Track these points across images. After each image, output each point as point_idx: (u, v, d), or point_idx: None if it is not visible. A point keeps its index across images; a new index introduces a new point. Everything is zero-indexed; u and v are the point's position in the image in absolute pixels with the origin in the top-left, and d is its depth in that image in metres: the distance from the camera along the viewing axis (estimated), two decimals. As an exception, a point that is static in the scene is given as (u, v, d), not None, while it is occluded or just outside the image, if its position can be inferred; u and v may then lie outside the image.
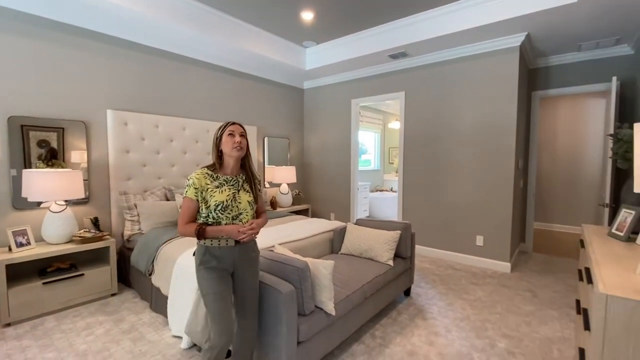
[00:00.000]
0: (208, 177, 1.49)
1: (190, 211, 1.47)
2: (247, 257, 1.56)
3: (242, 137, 1.53)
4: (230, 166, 1.55)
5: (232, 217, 1.49)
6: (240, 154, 1.53)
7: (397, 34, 3.62)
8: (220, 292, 1.46)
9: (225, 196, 1.48)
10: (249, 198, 1.55)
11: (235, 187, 1.53)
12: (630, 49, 3.44)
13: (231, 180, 1.54)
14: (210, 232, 1.45)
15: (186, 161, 3.64)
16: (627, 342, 1.08)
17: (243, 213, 1.52)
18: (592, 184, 5.15)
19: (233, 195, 1.50)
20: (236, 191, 1.52)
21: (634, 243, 1.76)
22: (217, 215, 1.46)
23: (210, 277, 1.46)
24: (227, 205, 1.47)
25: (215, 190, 1.47)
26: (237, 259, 1.53)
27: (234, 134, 1.51)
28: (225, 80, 4.11)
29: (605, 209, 3.23)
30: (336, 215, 5.01)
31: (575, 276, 3.39)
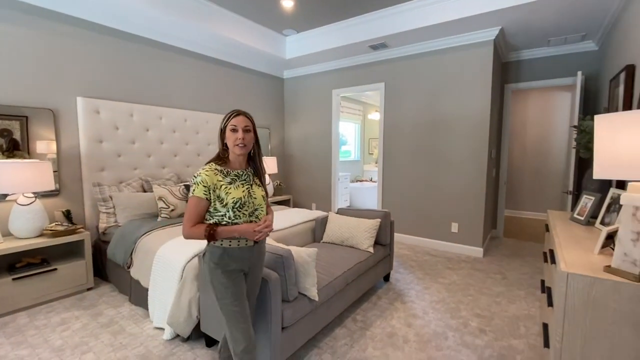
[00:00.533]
0: (219, 173, 1.36)
1: (198, 211, 1.33)
2: (261, 254, 1.50)
3: (247, 131, 1.39)
4: (239, 161, 1.44)
5: (249, 214, 1.39)
6: (243, 152, 1.40)
7: (377, 25, 3.64)
8: (240, 297, 1.37)
9: (241, 192, 1.37)
10: (263, 192, 1.47)
11: (248, 182, 1.43)
12: (595, 45, 3.65)
13: (242, 174, 1.43)
14: (221, 233, 1.32)
15: (163, 151, 3.54)
16: (585, 314, 1.19)
17: (259, 209, 1.43)
18: (558, 172, 5.47)
19: (248, 191, 1.40)
20: (250, 186, 1.43)
21: (593, 226, 1.92)
22: (234, 214, 1.34)
23: (229, 281, 1.36)
24: (244, 202, 1.37)
25: (229, 187, 1.35)
26: (254, 258, 1.45)
27: (237, 129, 1.37)
28: (203, 68, 3.99)
29: (568, 196, 3.46)
30: (317, 205, 5.06)
31: (540, 259, 3.63)
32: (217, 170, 1.36)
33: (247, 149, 1.41)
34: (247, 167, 1.48)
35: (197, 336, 2.02)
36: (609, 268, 1.21)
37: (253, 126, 1.43)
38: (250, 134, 1.41)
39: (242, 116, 1.39)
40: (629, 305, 1.12)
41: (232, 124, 1.37)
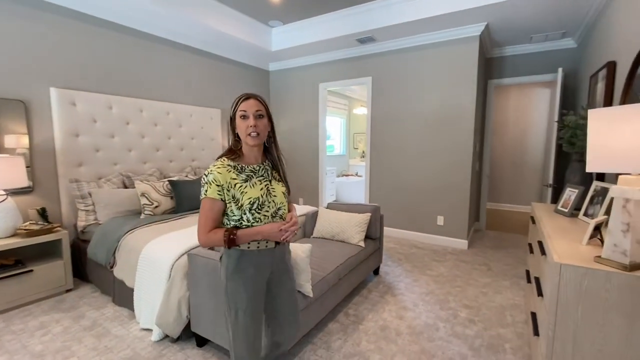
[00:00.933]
0: (233, 170, 1.19)
1: (214, 214, 1.16)
2: (284, 258, 1.33)
3: (260, 117, 1.20)
4: (254, 153, 1.26)
5: (270, 215, 1.22)
6: (257, 142, 1.21)
7: (365, 18, 3.61)
8: (255, 309, 1.22)
9: (258, 191, 1.20)
10: (283, 188, 1.29)
11: (266, 178, 1.26)
12: (574, 42, 3.77)
13: (259, 170, 1.25)
14: (243, 237, 1.16)
15: (145, 146, 3.40)
16: (577, 304, 1.23)
17: (281, 208, 1.26)
18: (536, 166, 5.67)
19: (267, 188, 1.23)
20: (268, 182, 1.25)
21: (577, 218, 1.99)
22: (252, 216, 1.17)
23: (246, 290, 1.20)
24: (262, 201, 1.19)
25: (244, 185, 1.18)
26: (277, 263, 1.30)
27: (248, 116, 1.18)
28: (185, 59, 3.84)
29: (549, 189, 3.59)
30: (305, 200, 5.02)
31: (522, 250, 3.76)
32: (230, 167, 1.19)
33: (261, 138, 1.21)
34: (264, 160, 1.30)
35: (188, 336, 1.96)
36: (600, 258, 1.24)
37: (266, 111, 1.23)
38: (263, 121, 1.21)
39: (252, 99, 1.19)
40: (619, 295, 1.16)
41: (241, 110, 1.18)
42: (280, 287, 1.35)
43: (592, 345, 1.22)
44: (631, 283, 1.14)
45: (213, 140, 4.19)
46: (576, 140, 2.23)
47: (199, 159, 4.00)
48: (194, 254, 1.84)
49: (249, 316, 1.22)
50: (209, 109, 4.10)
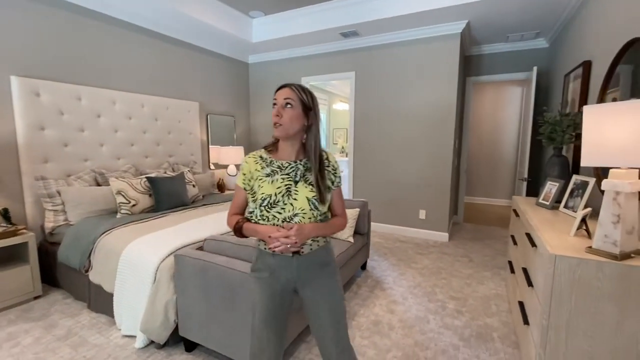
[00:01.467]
0: (260, 162, 1.16)
1: (238, 201, 1.20)
2: (316, 269, 1.16)
3: (288, 106, 1.10)
4: (287, 148, 1.16)
5: (282, 219, 1.10)
6: (280, 134, 1.12)
7: (349, 12, 3.57)
8: (267, 314, 1.14)
9: (274, 188, 1.11)
10: (310, 194, 1.11)
11: (292, 177, 1.13)
12: (546, 42, 3.94)
13: (288, 167, 1.15)
14: (247, 230, 1.13)
15: (118, 140, 3.18)
16: (570, 293, 1.28)
17: (300, 214, 1.10)
18: (510, 161, 5.93)
19: (287, 189, 1.11)
20: (292, 183, 1.12)
21: (558, 210, 2.08)
22: (261, 213, 1.11)
23: (259, 291, 1.15)
24: (276, 200, 1.10)
25: (264, 180, 1.12)
26: (303, 273, 1.15)
27: (277, 103, 1.12)
28: (162, 48, 3.63)
29: (523, 182, 3.76)
30: (287, 196, 4.95)
31: (499, 241, 3.92)
32: (259, 158, 1.17)
33: (284, 130, 1.10)
34: (300, 158, 1.18)
35: (175, 341, 1.86)
36: (591, 249, 1.30)
37: (301, 101, 1.11)
38: (291, 111, 1.10)
39: (286, 88, 1.12)
40: (610, 283, 1.22)
41: (274, 99, 1.13)
42: (316, 299, 1.17)
43: (585, 333, 1.27)
44: (621, 272, 1.20)
45: (191, 135, 4.01)
46: (555, 136, 2.33)
47: (177, 154, 3.82)
48: (181, 254, 1.75)
49: (261, 320, 1.15)
50: (186, 102, 3.91)
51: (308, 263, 1.15)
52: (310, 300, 1.18)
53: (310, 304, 1.18)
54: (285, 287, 1.16)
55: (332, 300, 1.17)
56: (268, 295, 1.15)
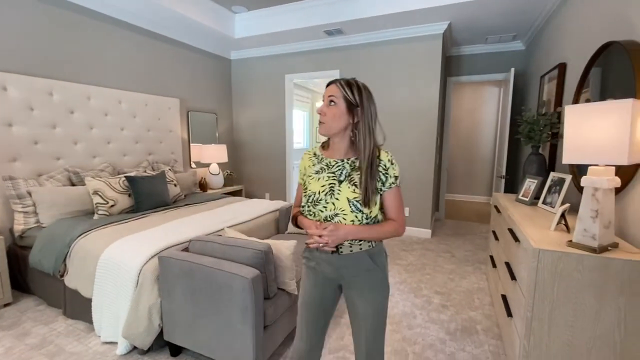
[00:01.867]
0: (312, 159, 1.18)
1: (298, 195, 1.27)
2: (361, 273, 1.12)
3: (332, 104, 1.07)
4: (337, 146, 1.14)
5: (324, 217, 1.08)
6: (323, 132, 1.10)
7: (333, 9, 3.57)
8: (307, 302, 1.19)
9: (319, 186, 1.11)
10: (353, 195, 1.06)
11: (336, 176, 1.10)
12: (522, 45, 4.10)
13: (335, 165, 1.13)
14: (299, 222, 1.18)
15: (94, 138, 3.03)
16: (553, 285, 1.33)
17: (340, 215, 1.06)
18: (487, 159, 6.14)
19: (330, 187, 1.09)
20: (337, 182, 1.09)
21: (537, 206, 2.16)
22: (309, 209, 1.12)
23: (304, 277, 1.22)
24: (318, 199, 1.09)
25: (313, 177, 1.14)
26: (345, 273, 1.13)
27: (324, 100, 1.10)
28: (141, 43, 3.49)
29: (502, 180, 3.89)
30: (271, 195, 4.90)
31: (479, 237, 4.05)
32: (313, 155, 1.20)
33: (327, 128, 1.09)
34: (349, 156, 1.13)
35: (160, 346, 1.80)
36: (571, 243, 1.36)
37: (346, 98, 1.07)
38: (333, 109, 1.07)
39: (331, 85, 1.09)
40: (589, 275, 1.28)
41: (323, 96, 1.12)
42: (354, 306, 1.15)
43: (566, 323, 1.33)
44: (600, 264, 1.26)
45: (172, 132, 3.89)
46: (534, 135, 2.42)
47: (157, 152, 3.69)
48: (165, 256, 1.69)
49: (301, 304, 1.23)
50: (166, 98, 3.78)
51: (350, 264, 1.12)
52: (351, 302, 1.17)
53: (350, 305, 1.18)
54: (327, 281, 1.18)
55: (367, 312, 1.13)
56: (311, 283, 1.20)
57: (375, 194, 1.08)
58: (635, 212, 1.44)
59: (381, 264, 1.15)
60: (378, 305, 1.14)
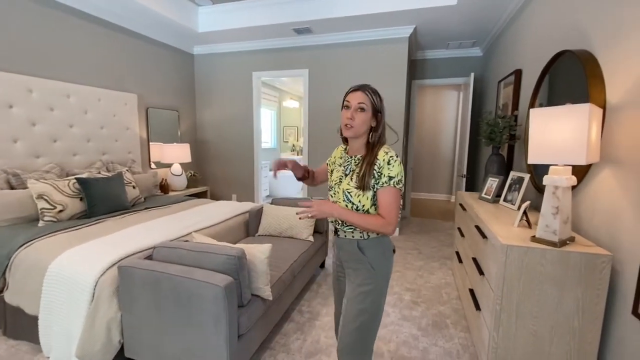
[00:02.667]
0: (342, 153, 1.36)
1: (321, 168, 1.50)
2: (352, 262, 1.25)
3: (361, 110, 1.18)
4: (354, 145, 1.29)
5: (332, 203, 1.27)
6: (350, 135, 1.22)
7: (303, 8, 3.52)
8: (334, 294, 1.44)
9: (335, 177, 1.32)
10: (346, 187, 1.21)
11: (344, 170, 1.28)
12: (480, 51, 4.35)
13: (346, 160, 1.31)
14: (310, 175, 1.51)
15: (37, 136, 2.72)
16: (519, 278, 1.40)
17: (338, 203, 1.24)
18: (447, 159, 6.44)
19: (339, 179, 1.28)
20: (343, 175, 1.27)
21: (499, 204, 2.29)
22: (329, 194, 1.34)
23: (332, 270, 1.42)
24: (331, 186, 1.32)
25: (335, 168, 1.35)
26: (341, 254, 1.31)
27: (350, 106, 1.20)
28: (93, 32, 3.19)
29: (463, 179, 4.10)
30: (238, 196, 4.74)
31: (443, 233, 4.23)
32: (343, 151, 1.37)
33: (354, 131, 1.21)
34: (359, 154, 1.28)
35: (120, 364, 1.64)
36: (535, 238, 1.44)
37: (372, 105, 1.20)
38: (363, 115, 1.19)
39: (359, 92, 1.20)
40: (551, 267, 1.36)
41: (346, 100, 1.22)
42: (347, 287, 1.30)
43: (531, 314, 1.41)
44: (561, 257, 1.35)
45: (128, 130, 3.61)
46: (494, 136, 2.57)
47: (112, 151, 3.40)
48: (126, 265, 1.54)
49: (333, 291, 1.46)
50: (122, 94, 3.50)
51: (344, 248, 1.27)
52: (346, 286, 1.31)
53: (345, 287, 1.32)
54: (337, 262, 1.38)
55: (348, 300, 1.25)
56: (335, 274, 1.42)
57: (368, 189, 1.18)
58: (587, 208, 1.57)
59: (372, 257, 1.22)
60: (359, 297, 1.21)
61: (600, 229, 1.45)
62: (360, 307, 1.20)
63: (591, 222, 1.53)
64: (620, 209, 1.32)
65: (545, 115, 1.35)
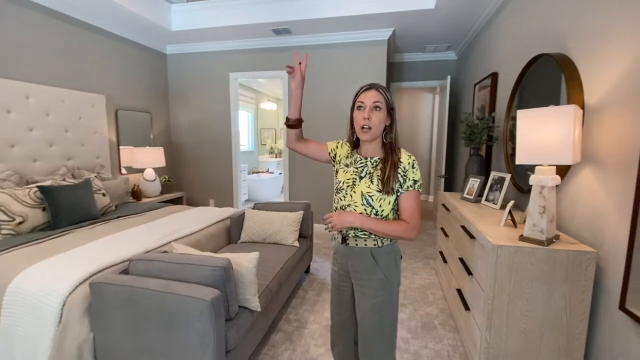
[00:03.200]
0: (348, 152, 1.28)
1: (318, 145, 1.36)
2: (363, 270, 1.19)
3: (377, 109, 1.13)
4: (368, 146, 1.21)
5: (341, 206, 1.21)
6: (368, 137, 1.15)
7: (281, 8, 3.46)
8: (334, 303, 1.33)
9: (345, 178, 1.22)
10: (366, 189, 1.15)
11: (358, 173, 1.20)
12: (455, 55, 4.47)
13: (360, 162, 1.22)
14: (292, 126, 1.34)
15: (-9, 140, 2.47)
16: (509, 277, 1.42)
17: (352, 206, 1.16)
18: (424, 160, 6.58)
19: (353, 182, 1.19)
20: (357, 178, 1.19)
21: (481, 203, 2.34)
22: (334, 194, 1.25)
23: (331, 279, 1.32)
24: (341, 188, 1.21)
25: (342, 168, 1.25)
26: (351, 265, 1.22)
27: (364, 106, 1.13)
28: (57, 28, 2.95)
29: (441, 179, 4.19)
30: (217, 201, 4.58)
31: (423, 234, 4.29)
32: (348, 149, 1.29)
33: (372, 133, 1.14)
34: (376, 155, 1.22)
35: (93, 390, 1.50)
36: (523, 237, 1.46)
37: (387, 103, 1.14)
38: (379, 114, 1.13)
39: (373, 90, 1.13)
40: (539, 265, 1.38)
41: (359, 101, 1.15)
42: (358, 305, 1.23)
43: (522, 312, 1.43)
44: (548, 255, 1.37)
45: (96, 134, 3.37)
46: (474, 137, 2.63)
47: (78, 156, 3.16)
48: (99, 282, 1.41)
49: (331, 312, 1.36)
50: (89, 94, 3.27)
51: (354, 257, 1.20)
52: (357, 298, 1.24)
53: (357, 301, 1.24)
54: (340, 271, 1.27)
55: (364, 312, 1.20)
56: (335, 284, 1.31)
57: (391, 193, 1.14)
58: (568, 207, 1.62)
59: (385, 265, 1.18)
60: (375, 308, 1.17)
61: (582, 226, 1.50)
62: (381, 320, 1.19)
63: (573, 220, 1.58)
64: (602, 206, 1.36)
65: (532, 116, 1.37)
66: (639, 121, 1.17)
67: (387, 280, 1.18)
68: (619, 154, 1.27)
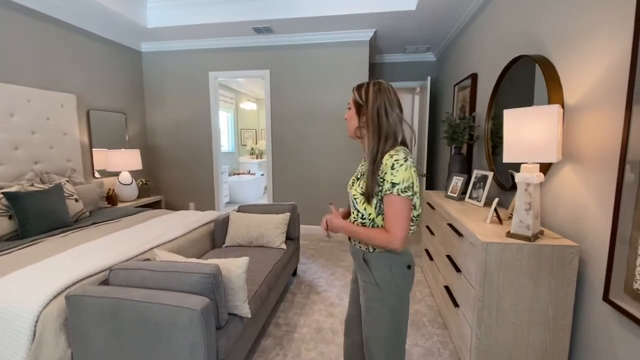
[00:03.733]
0: None
1: None
2: (358, 266, 1.21)
3: (348, 109, 1.19)
4: (362, 147, 1.21)
5: (348, 205, 1.26)
6: (349, 135, 1.20)
7: (262, 6, 3.40)
8: (349, 298, 1.37)
9: (350, 182, 1.24)
10: (354, 192, 1.15)
11: (357, 175, 1.22)
12: (434, 56, 4.57)
13: (363, 162, 1.24)
14: None
15: (-53, 143, 2.26)
16: (499, 273, 1.45)
17: (352, 204, 1.19)
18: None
19: (352, 183, 1.21)
20: (355, 179, 1.21)
21: (464, 201, 2.39)
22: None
23: (353, 270, 1.36)
24: (348, 189, 1.24)
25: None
26: (355, 263, 1.26)
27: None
28: (24, 24, 2.74)
29: (423, 178, 4.26)
30: (197, 205, 4.44)
31: (407, 231, 4.35)
32: None
33: (348, 131, 1.19)
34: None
35: (71, 410, 1.40)
36: (510, 233, 1.50)
37: (356, 102, 1.13)
38: (350, 112, 1.17)
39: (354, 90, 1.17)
40: (526, 261, 1.42)
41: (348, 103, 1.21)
42: (360, 296, 1.25)
43: (510, 307, 1.46)
44: (535, 251, 1.41)
45: (66, 135, 3.18)
46: (456, 136, 2.68)
47: (46, 159, 2.96)
48: (76, 294, 1.31)
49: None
50: (58, 94, 3.08)
51: (355, 256, 1.22)
52: (360, 293, 1.24)
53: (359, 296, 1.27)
54: (355, 269, 1.29)
55: (363, 313, 1.20)
56: (353, 277, 1.36)
57: (373, 196, 1.08)
58: (549, 203, 1.68)
59: (377, 271, 1.12)
60: (368, 311, 1.16)
61: (565, 221, 1.56)
62: (376, 324, 1.14)
63: (555, 215, 1.64)
64: (583, 202, 1.42)
65: (517, 116, 1.41)
66: (617, 120, 1.22)
67: (379, 288, 1.11)
68: (598, 152, 1.33)
